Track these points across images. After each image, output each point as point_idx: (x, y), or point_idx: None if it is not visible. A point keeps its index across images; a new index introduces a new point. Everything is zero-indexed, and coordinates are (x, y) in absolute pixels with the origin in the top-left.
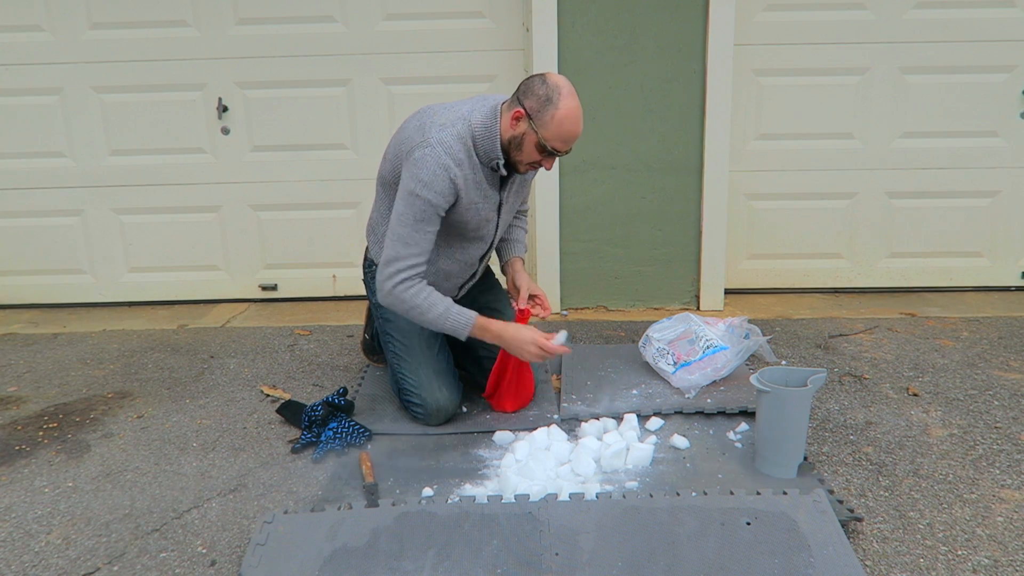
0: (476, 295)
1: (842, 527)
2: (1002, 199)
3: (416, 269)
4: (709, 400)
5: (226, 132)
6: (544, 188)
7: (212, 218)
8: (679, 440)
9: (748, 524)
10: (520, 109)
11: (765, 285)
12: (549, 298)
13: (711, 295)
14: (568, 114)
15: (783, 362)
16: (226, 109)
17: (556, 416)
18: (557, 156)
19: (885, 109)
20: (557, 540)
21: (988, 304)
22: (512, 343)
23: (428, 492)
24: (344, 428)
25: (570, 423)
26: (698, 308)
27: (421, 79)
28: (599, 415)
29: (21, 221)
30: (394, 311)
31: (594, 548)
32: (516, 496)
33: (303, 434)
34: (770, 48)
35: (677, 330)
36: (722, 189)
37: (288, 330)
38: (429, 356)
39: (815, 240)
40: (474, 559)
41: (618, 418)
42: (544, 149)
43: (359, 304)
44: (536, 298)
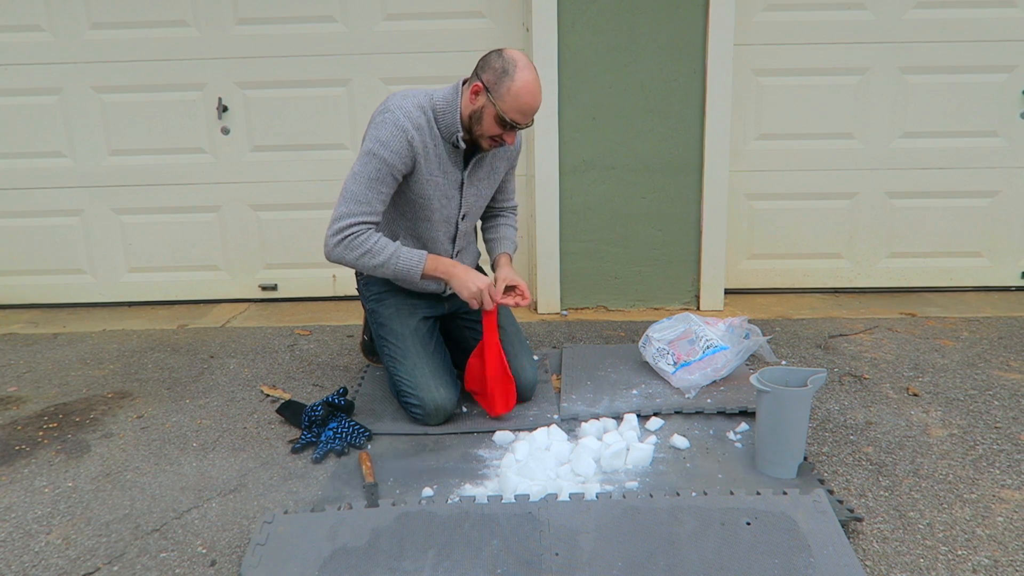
0: None
1: (842, 527)
2: (1002, 199)
3: (366, 225)
4: (709, 400)
5: (226, 132)
6: (544, 188)
7: (212, 218)
8: (679, 440)
9: (748, 524)
10: (478, 83)
11: (765, 285)
12: (549, 298)
13: (711, 295)
14: (525, 86)
15: (783, 362)
16: (226, 109)
17: (556, 416)
18: (517, 129)
19: (885, 109)
20: (557, 540)
21: (988, 304)
22: (460, 276)
23: (428, 492)
24: (344, 428)
25: (570, 423)
26: (698, 308)
27: (421, 79)
28: (599, 415)
29: (21, 221)
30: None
31: (594, 548)
32: (516, 496)
33: (303, 434)
34: (770, 48)
35: (677, 330)
36: (722, 189)
37: (288, 330)
38: (425, 356)
39: (815, 240)
40: (474, 559)
41: (618, 418)
42: (503, 122)
43: (359, 304)
44: (515, 288)
